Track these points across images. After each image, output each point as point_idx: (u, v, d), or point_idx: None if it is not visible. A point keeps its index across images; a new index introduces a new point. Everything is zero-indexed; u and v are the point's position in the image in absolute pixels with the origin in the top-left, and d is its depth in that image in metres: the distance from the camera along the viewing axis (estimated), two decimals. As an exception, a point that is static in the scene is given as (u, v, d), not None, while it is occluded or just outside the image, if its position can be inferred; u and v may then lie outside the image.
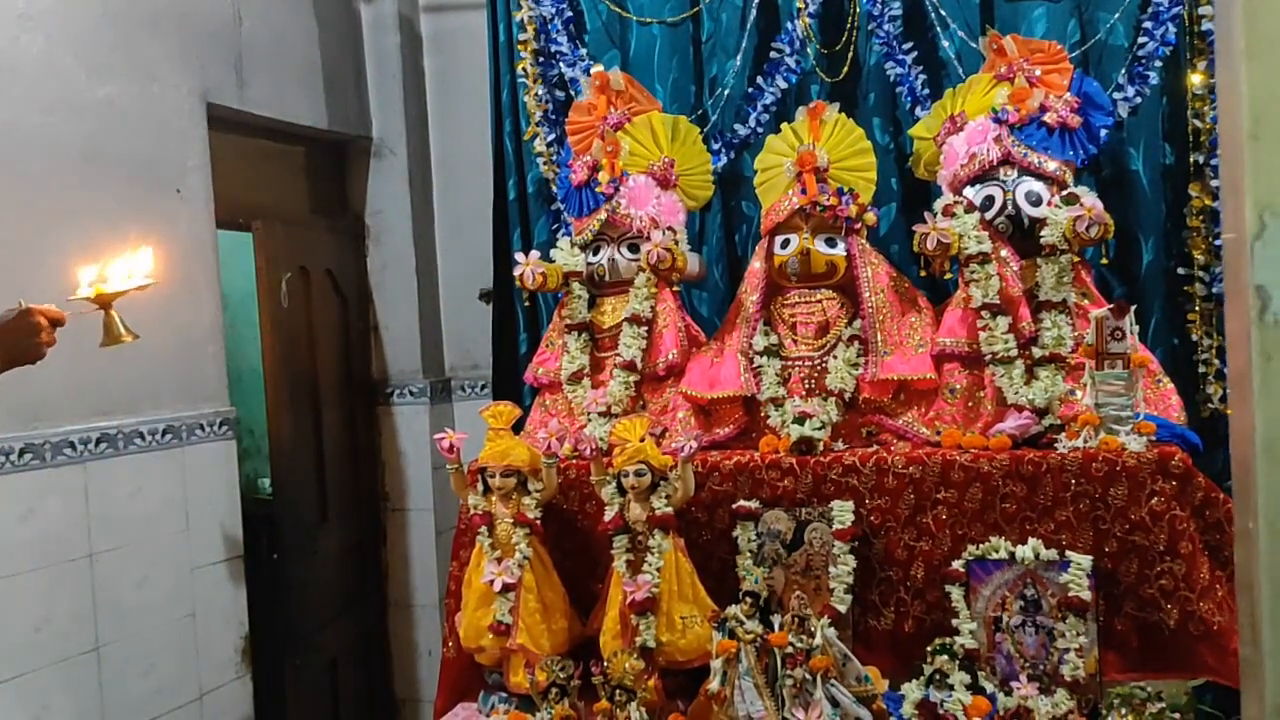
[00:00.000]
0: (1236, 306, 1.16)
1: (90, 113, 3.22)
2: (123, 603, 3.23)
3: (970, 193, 3.20)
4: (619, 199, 3.45)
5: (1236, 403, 1.21)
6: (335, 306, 4.37)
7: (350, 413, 4.40)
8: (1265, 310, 1.10)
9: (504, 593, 3.10)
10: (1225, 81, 1.17)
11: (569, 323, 3.51)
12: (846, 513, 2.99)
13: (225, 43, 3.74)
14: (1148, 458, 2.79)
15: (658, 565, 3.01)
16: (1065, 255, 3.06)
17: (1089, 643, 2.73)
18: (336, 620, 4.26)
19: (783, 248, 3.29)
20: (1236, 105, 1.11)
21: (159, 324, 3.38)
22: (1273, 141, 1.09)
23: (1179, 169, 3.45)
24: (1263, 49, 1.10)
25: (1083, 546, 2.81)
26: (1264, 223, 1.09)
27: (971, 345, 3.10)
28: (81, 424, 3.13)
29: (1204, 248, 3.39)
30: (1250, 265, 1.10)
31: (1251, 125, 1.10)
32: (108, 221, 3.22)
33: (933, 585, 2.93)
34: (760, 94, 3.74)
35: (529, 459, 3.20)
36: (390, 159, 4.46)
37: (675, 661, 3.02)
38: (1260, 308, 1.10)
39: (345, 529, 4.34)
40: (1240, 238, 1.11)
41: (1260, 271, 1.10)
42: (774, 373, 3.27)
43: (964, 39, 3.54)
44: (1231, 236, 1.15)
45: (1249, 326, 1.11)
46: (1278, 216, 1.09)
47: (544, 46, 3.93)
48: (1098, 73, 3.43)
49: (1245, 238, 1.10)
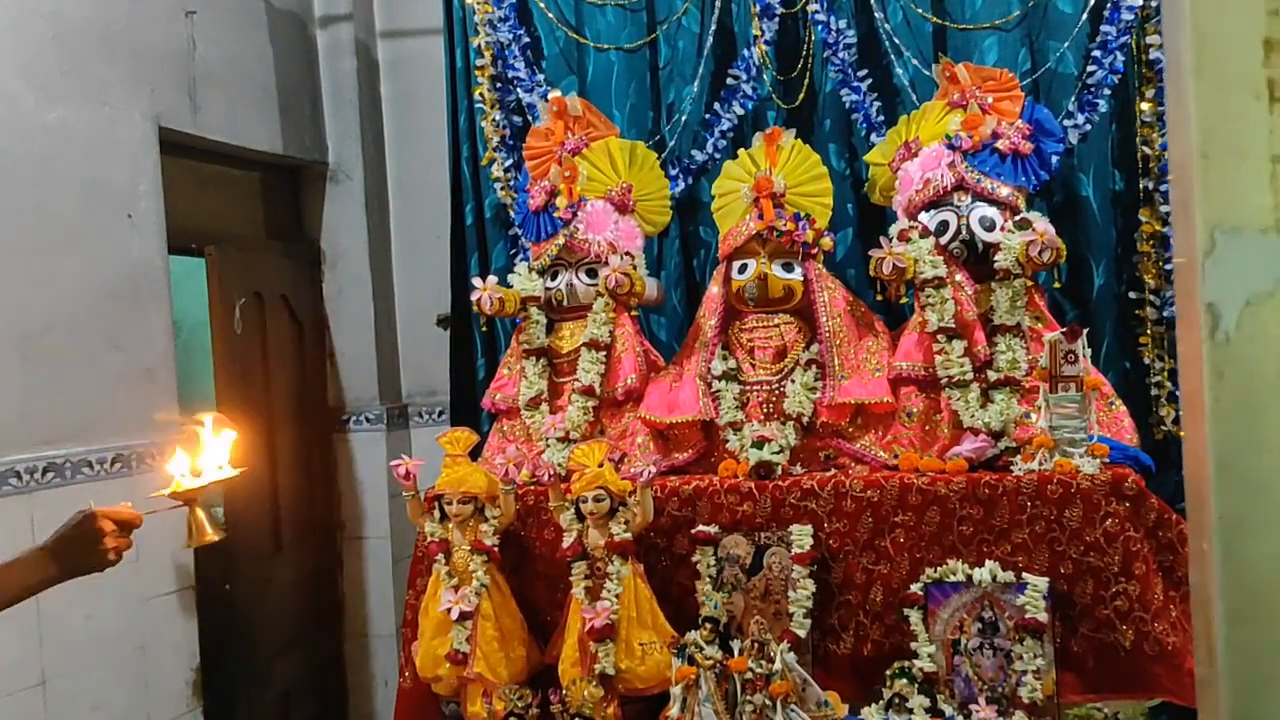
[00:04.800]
0: (1188, 325, 1.17)
1: (40, 136, 3.17)
2: (70, 635, 3.15)
3: (925, 218, 3.23)
4: (577, 224, 3.45)
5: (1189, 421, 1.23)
6: (290, 333, 4.32)
7: (305, 440, 4.34)
8: (1216, 328, 1.11)
9: (461, 621, 3.07)
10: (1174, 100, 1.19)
11: (527, 348, 3.50)
12: (805, 537, 2.99)
13: (178, 66, 3.70)
14: (1102, 480, 2.82)
15: (617, 591, 2.99)
16: (1019, 279, 3.09)
17: (1046, 664, 2.74)
18: (291, 651, 4.19)
19: (740, 272, 3.30)
20: (1185, 123, 1.13)
21: (109, 350, 3.33)
22: (1222, 160, 1.11)
23: (1129, 195, 3.50)
24: (1211, 68, 1.11)
25: (1039, 568, 2.83)
26: (1214, 240, 1.10)
27: (928, 369, 3.12)
28: (28, 453, 3.06)
29: (1154, 272, 3.45)
30: (1201, 283, 1.12)
31: (1201, 143, 1.12)
32: (57, 244, 3.17)
33: (891, 608, 2.94)
34: (717, 120, 3.76)
35: (486, 485, 3.17)
36: (346, 184, 4.43)
37: (634, 689, 3.00)
38: (1212, 325, 1.11)
39: (300, 558, 4.27)
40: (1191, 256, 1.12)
41: (1211, 289, 1.11)
42: (732, 397, 3.27)
43: (918, 67, 3.58)
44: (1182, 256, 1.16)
45: (1201, 345, 1.12)
46: (1228, 234, 1.11)
47: (501, 72, 3.93)
48: (1048, 100, 3.48)
49: (1196, 256, 1.11)
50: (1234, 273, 1.11)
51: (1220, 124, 1.11)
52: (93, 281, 3.30)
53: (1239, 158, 1.10)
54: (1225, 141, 1.11)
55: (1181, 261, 1.18)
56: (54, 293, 3.19)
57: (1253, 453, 1.15)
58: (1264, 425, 1.14)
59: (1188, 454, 1.25)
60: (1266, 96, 1.09)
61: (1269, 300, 1.10)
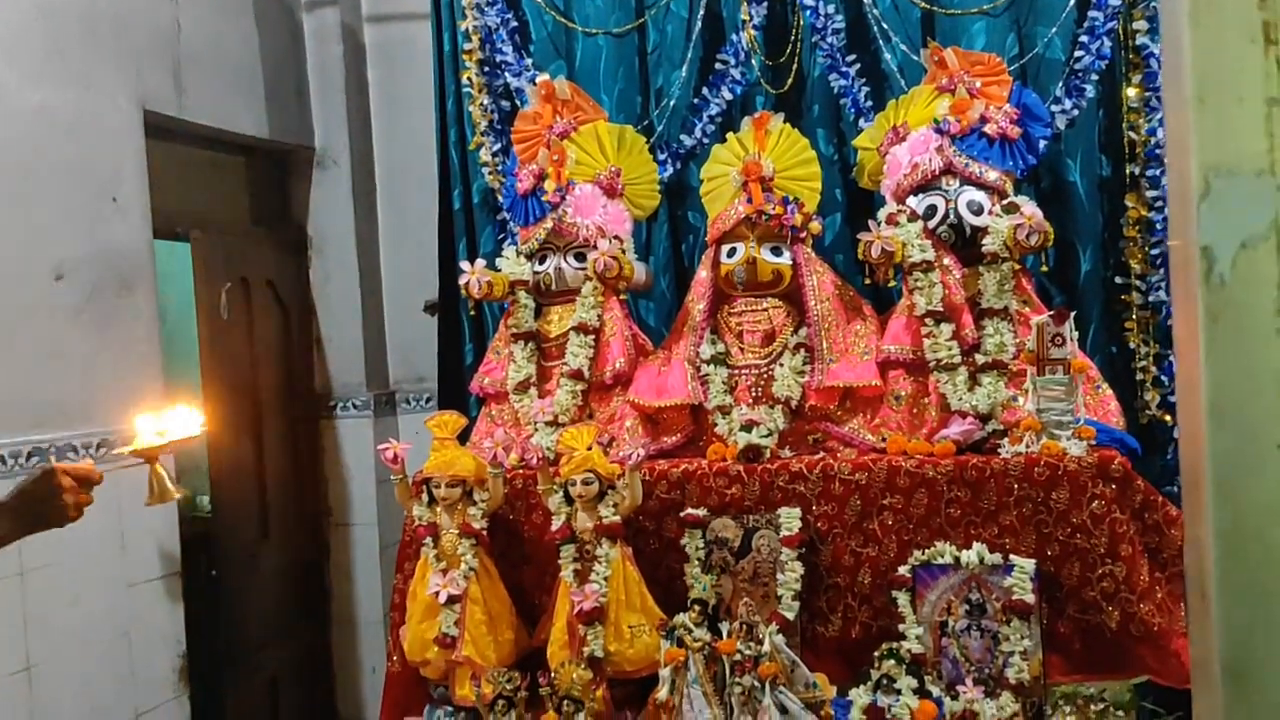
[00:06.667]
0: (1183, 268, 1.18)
1: (23, 119, 3.14)
2: (55, 621, 3.13)
3: (913, 202, 3.23)
4: (565, 208, 3.44)
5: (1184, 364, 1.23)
6: (277, 318, 4.30)
7: (292, 427, 4.33)
8: (1211, 271, 1.12)
9: (449, 604, 3.06)
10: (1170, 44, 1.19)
11: (515, 332, 3.49)
12: (794, 520, 2.99)
13: (164, 50, 3.67)
14: (1088, 462, 2.83)
15: (605, 574, 2.99)
16: (1006, 263, 3.10)
17: (1033, 645, 2.75)
18: (278, 638, 4.18)
19: (729, 256, 3.30)
20: (1181, 68, 1.13)
21: (94, 335, 3.31)
22: (1218, 103, 1.11)
23: (1115, 180, 3.51)
24: (1207, 11, 1.11)
25: (1026, 550, 2.84)
26: (1210, 184, 1.11)
27: (916, 352, 3.12)
28: (12, 437, 3.04)
29: (1140, 257, 3.46)
30: (1196, 226, 1.12)
31: (1197, 87, 1.12)
32: (42, 228, 3.15)
33: (879, 591, 2.94)
34: (706, 105, 3.75)
35: (475, 469, 3.17)
36: (333, 169, 4.41)
37: (623, 671, 3.00)
38: (1207, 269, 1.12)
39: (287, 545, 4.26)
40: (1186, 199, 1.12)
41: (1206, 232, 1.12)
42: (721, 381, 3.27)
43: (906, 52, 3.58)
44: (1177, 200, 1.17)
45: (1196, 288, 1.13)
46: (1223, 177, 1.11)
47: (489, 56, 3.91)
48: (1036, 86, 3.48)
49: (1191, 199, 1.11)
50: (1229, 216, 1.11)
51: (1216, 68, 1.12)
52: (77, 266, 3.28)
53: (1235, 101, 1.10)
54: (1221, 85, 1.11)
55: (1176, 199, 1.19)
56: (38, 277, 3.16)
57: (1247, 394, 1.15)
58: (1258, 366, 1.14)
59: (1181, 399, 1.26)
60: (1262, 40, 1.09)
61: (1264, 243, 1.11)
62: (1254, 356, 1.14)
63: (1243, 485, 1.17)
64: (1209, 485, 1.16)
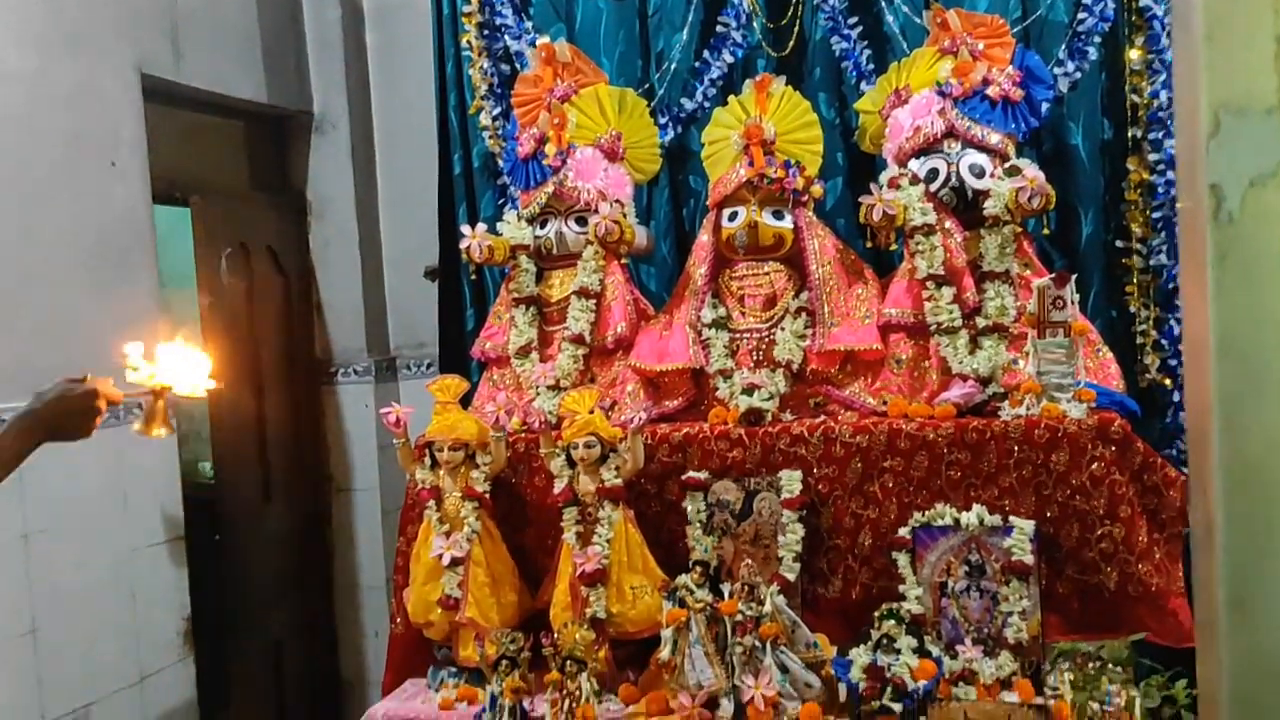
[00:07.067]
0: (1191, 206, 1.19)
1: (20, 83, 3.12)
2: (60, 584, 3.15)
3: (915, 165, 3.22)
4: (566, 171, 3.43)
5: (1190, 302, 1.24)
6: (277, 284, 4.29)
7: (293, 393, 4.33)
8: (1220, 209, 1.12)
9: (452, 567, 3.08)
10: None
11: (516, 296, 3.49)
12: (795, 482, 3.01)
13: (161, 13, 3.65)
14: (1088, 424, 2.84)
15: (607, 537, 3.01)
16: (1008, 226, 3.10)
17: (1031, 606, 2.77)
18: (281, 602, 4.21)
19: (730, 220, 3.30)
20: (1191, 7, 1.13)
21: (94, 300, 3.31)
22: (1227, 41, 1.11)
23: (1117, 143, 3.50)
24: (1217, -48, 1.12)
25: (1025, 512, 2.86)
26: (1219, 121, 1.11)
27: (917, 316, 3.13)
28: (13, 402, 3.04)
29: (1141, 221, 3.45)
30: (1205, 164, 1.12)
31: (1207, 27, 1.12)
32: (40, 194, 3.14)
33: (879, 552, 2.97)
34: (707, 68, 3.73)
35: (477, 432, 3.18)
36: (332, 134, 4.38)
37: (625, 632, 3.03)
38: (1215, 207, 1.13)
39: (289, 510, 4.28)
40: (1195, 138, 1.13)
41: (1215, 170, 1.12)
42: (722, 345, 3.27)
43: (908, 14, 3.55)
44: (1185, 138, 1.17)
45: (1204, 226, 1.13)
46: (1233, 115, 1.11)
47: (489, 19, 3.89)
48: (1038, 48, 3.45)
49: (1200, 137, 1.11)
50: (1238, 153, 1.12)
51: (1226, 6, 1.11)
52: (76, 231, 3.27)
53: (1244, 39, 1.10)
54: (1230, 23, 1.11)
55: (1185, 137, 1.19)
56: (37, 243, 3.15)
57: (1254, 331, 1.16)
58: (1266, 304, 1.16)
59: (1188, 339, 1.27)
60: (1272, -22, 1.09)
61: (1272, 180, 1.12)
62: (1262, 293, 1.15)
63: (1249, 419, 1.18)
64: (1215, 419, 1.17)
